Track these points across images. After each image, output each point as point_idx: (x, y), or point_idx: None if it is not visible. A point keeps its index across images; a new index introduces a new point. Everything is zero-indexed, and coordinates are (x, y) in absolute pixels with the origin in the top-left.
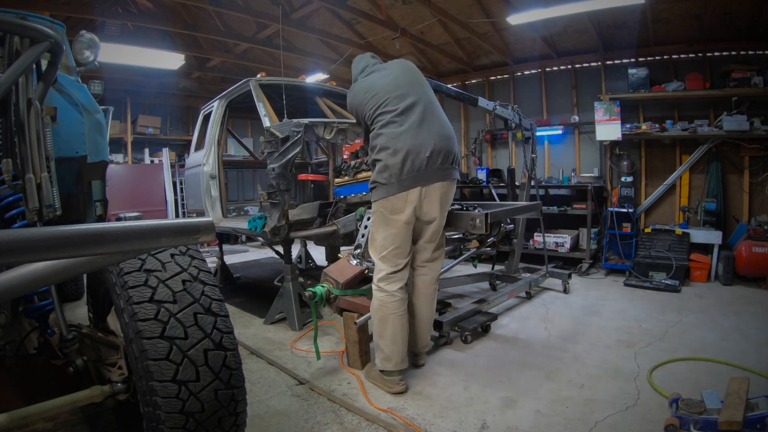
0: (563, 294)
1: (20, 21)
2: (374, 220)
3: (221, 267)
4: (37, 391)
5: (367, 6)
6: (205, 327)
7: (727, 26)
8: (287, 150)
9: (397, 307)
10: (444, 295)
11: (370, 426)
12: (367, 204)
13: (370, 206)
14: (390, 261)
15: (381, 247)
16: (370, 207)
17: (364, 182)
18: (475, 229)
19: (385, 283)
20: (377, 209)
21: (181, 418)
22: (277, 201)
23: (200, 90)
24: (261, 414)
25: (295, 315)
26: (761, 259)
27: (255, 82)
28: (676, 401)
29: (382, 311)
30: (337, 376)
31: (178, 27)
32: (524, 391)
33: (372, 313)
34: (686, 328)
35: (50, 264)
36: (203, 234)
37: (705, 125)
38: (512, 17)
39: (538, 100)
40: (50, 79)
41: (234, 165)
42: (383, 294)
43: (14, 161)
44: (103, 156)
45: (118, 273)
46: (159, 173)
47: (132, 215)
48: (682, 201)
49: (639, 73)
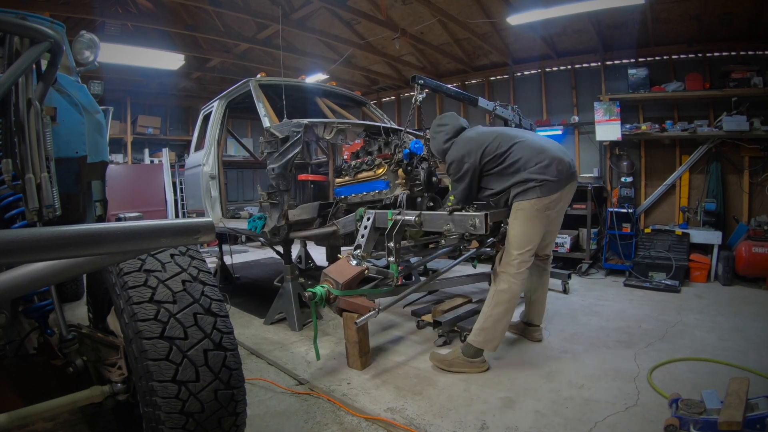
0: (563, 294)
1: (20, 21)
2: (523, 217)
3: (221, 267)
4: (37, 391)
5: (367, 6)
6: (204, 327)
7: (726, 26)
8: (287, 150)
9: (519, 296)
10: (444, 295)
11: (370, 426)
12: (368, 204)
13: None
14: (530, 253)
15: (528, 241)
16: (370, 207)
17: (365, 182)
18: (475, 230)
19: (522, 275)
20: (530, 207)
21: (180, 419)
22: (277, 201)
23: (200, 90)
24: (261, 414)
25: (295, 315)
26: (761, 259)
27: (255, 83)
28: (675, 401)
29: (514, 300)
30: (337, 376)
31: (177, 27)
32: (524, 391)
33: (502, 299)
34: (686, 329)
35: (50, 264)
36: (203, 234)
37: (705, 125)
38: (512, 17)
39: (537, 100)
40: (50, 79)
41: (234, 165)
42: (518, 283)
43: (14, 161)
44: (103, 156)
45: (118, 273)
46: (159, 173)
47: (132, 215)
48: (682, 201)
49: (639, 73)
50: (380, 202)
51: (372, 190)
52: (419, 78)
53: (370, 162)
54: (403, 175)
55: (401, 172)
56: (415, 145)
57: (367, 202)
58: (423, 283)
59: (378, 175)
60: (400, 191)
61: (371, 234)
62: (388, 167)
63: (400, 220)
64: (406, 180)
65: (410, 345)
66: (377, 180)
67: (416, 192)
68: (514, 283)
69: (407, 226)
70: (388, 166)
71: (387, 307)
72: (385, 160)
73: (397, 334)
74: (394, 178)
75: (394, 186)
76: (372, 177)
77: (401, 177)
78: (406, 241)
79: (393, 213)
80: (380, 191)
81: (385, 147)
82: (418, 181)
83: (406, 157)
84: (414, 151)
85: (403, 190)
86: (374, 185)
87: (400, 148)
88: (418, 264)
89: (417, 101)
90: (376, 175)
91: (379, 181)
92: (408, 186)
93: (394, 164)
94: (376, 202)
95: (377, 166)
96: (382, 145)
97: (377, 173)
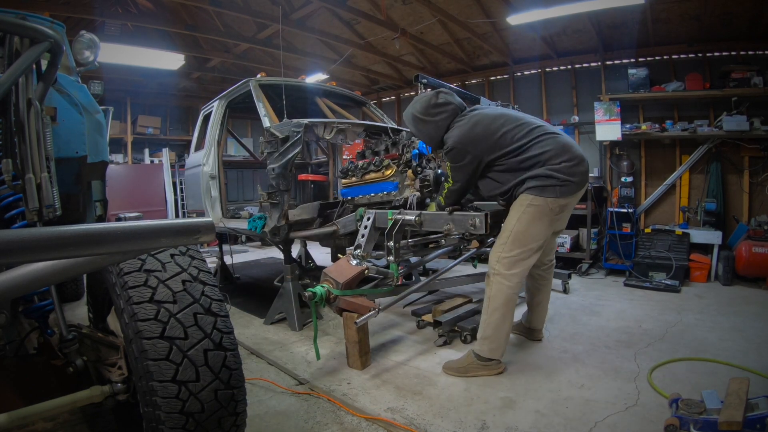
0: (563, 294)
1: (20, 21)
2: (534, 214)
3: (221, 267)
4: (37, 391)
5: (367, 6)
6: (205, 327)
7: (726, 26)
8: (287, 150)
9: (517, 297)
10: (444, 295)
11: (371, 426)
12: (377, 206)
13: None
14: (531, 254)
15: (532, 239)
16: (373, 208)
17: (373, 183)
18: (475, 230)
19: (518, 276)
20: (544, 205)
21: (180, 419)
22: (277, 201)
23: (200, 90)
24: (261, 414)
25: (295, 315)
26: (761, 259)
27: (255, 83)
28: (675, 401)
29: (510, 303)
30: (337, 376)
31: (178, 27)
32: (524, 391)
33: (497, 304)
34: (686, 329)
35: (50, 264)
36: (203, 234)
37: (705, 125)
38: (512, 17)
39: (537, 100)
40: (50, 79)
41: (234, 165)
42: (512, 285)
43: (14, 161)
44: (103, 156)
45: (118, 273)
46: (159, 173)
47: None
48: (682, 201)
49: (639, 73)
50: (389, 203)
51: (380, 192)
52: (422, 77)
53: (378, 162)
54: (412, 177)
55: (410, 173)
56: (423, 145)
57: (375, 204)
58: (423, 283)
59: (386, 176)
60: (410, 193)
61: (371, 234)
62: (396, 168)
63: (400, 220)
64: (415, 181)
65: (410, 345)
66: (386, 181)
67: (425, 193)
68: (508, 286)
69: (407, 226)
70: (396, 166)
71: (387, 307)
72: (393, 160)
73: (397, 334)
74: (403, 179)
75: (403, 187)
76: (380, 178)
77: (410, 178)
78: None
79: (393, 213)
80: (389, 192)
81: (392, 147)
82: (427, 182)
83: (414, 158)
84: (422, 151)
85: (413, 191)
86: (383, 186)
87: (408, 149)
88: (418, 264)
89: None
90: (385, 176)
91: (388, 183)
92: (418, 187)
93: (402, 165)
94: (384, 204)
95: (385, 167)
96: (389, 145)
97: (385, 174)
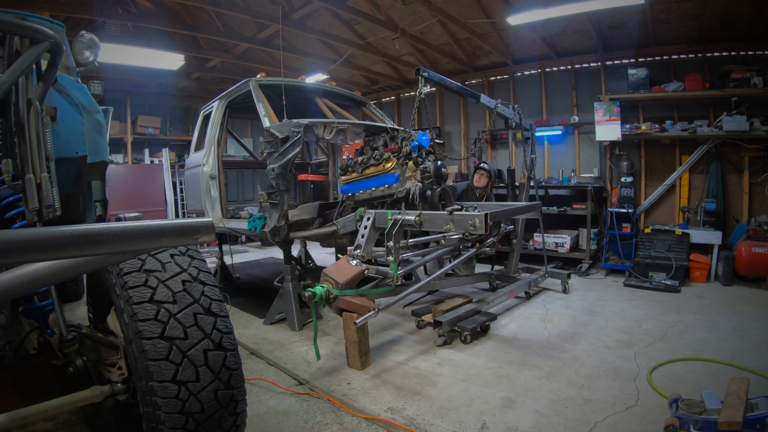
0: (563, 294)
1: (20, 21)
2: None
3: (221, 267)
4: (37, 392)
5: (366, 6)
6: (204, 327)
7: (726, 26)
8: (287, 150)
9: None
10: (444, 295)
11: (370, 426)
12: (378, 199)
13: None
14: None
15: None
16: (380, 202)
17: (373, 177)
18: (475, 230)
19: None
20: None
21: (180, 419)
22: (277, 201)
23: (200, 90)
24: (261, 414)
25: (295, 315)
26: (761, 259)
27: (255, 83)
28: (675, 401)
29: None
30: (337, 376)
31: (177, 27)
32: (524, 391)
33: None
34: (686, 329)
35: (50, 264)
36: (203, 234)
37: (705, 125)
38: (512, 18)
39: (537, 100)
40: (50, 79)
41: (234, 165)
42: None
43: (14, 161)
44: (102, 156)
45: (118, 273)
46: (159, 173)
47: (132, 215)
48: (682, 201)
49: (639, 73)
50: (391, 196)
51: (381, 185)
52: (424, 71)
53: (378, 156)
54: (413, 168)
55: (411, 164)
56: (422, 138)
57: (377, 198)
58: (423, 283)
59: (387, 169)
60: (412, 184)
61: (371, 234)
62: (396, 161)
63: (399, 220)
64: (417, 172)
65: (410, 345)
66: (386, 174)
67: (427, 184)
68: None
69: (407, 226)
70: (396, 159)
71: (387, 307)
72: (393, 153)
73: (397, 334)
74: (404, 171)
75: (404, 179)
76: (381, 171)
77: (411, 170)
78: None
79: (393, 213)
80: (390, 185)
81: (391, 141)
82: (428, 173)
83: (414, 150)
84: (421, 143)
85: (415, 182)
86: (384, 180)
87: (408, 141)
88: (418, 264)
89: (422, 93)
90: (385, 169)
91: (389, 175)
92: (419, 178)
93: (403, 157)
94: (386, 197)
95: (385, 160)
96: (387, 140)
97: (386, 167)
